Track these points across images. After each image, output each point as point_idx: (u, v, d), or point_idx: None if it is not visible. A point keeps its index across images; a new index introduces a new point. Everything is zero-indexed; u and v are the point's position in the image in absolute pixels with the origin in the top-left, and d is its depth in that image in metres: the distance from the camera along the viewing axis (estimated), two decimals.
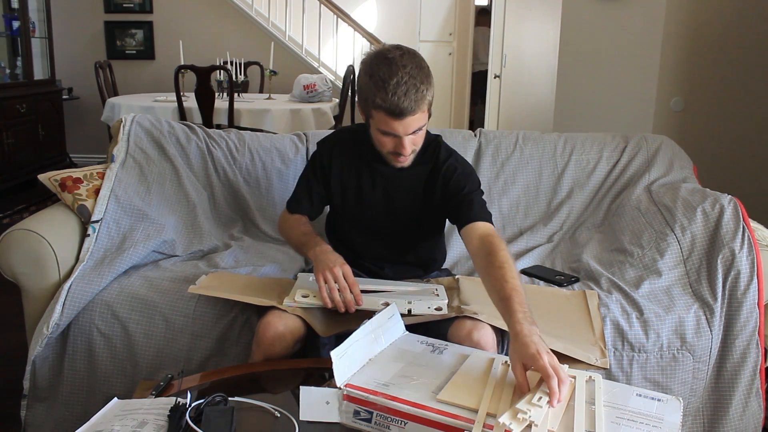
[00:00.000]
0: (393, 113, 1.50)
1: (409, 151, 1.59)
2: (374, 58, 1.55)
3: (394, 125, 1.53)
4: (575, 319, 1.67)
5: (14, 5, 5.15)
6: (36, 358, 1.74)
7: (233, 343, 1.72)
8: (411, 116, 1.51)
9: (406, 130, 1.54)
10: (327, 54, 6.29)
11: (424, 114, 1.54)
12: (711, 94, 3.49)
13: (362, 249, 1.82)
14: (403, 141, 1.56)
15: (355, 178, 1.77)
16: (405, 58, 1.52)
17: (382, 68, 1.51)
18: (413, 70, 1.50)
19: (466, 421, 1.08)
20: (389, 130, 1.55)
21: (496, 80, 5.81)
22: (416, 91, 1.49)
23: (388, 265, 1.82)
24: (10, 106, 4.87)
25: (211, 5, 6.06)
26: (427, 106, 1.55)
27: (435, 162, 1.74)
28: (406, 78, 1.49)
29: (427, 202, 1.75)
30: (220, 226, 2.21)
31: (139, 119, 2.24)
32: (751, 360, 1.76)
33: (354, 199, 1.78)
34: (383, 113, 1.52)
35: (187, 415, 1.10)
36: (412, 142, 1.58)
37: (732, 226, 1.87)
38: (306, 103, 4.46)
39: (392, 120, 1.52)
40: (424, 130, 1.60)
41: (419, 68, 1.52)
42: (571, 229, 2.27)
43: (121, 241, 1.90)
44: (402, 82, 1.48)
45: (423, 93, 1.51)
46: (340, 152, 1.79)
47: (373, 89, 1.51)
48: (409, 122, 1.52)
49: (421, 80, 1.51)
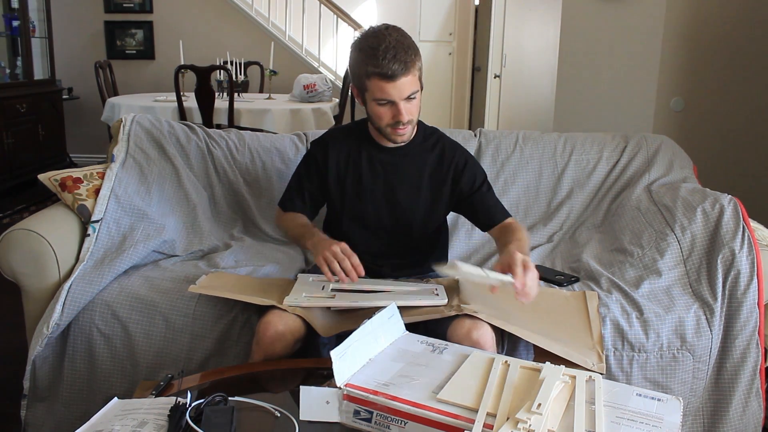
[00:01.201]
0: (386, 76, 1.58)
1: (406, 119, 1.64)
2: (361, 35, 1.66)
3: (389, 89, 1.59)
4: (574, 322, 1.67)
5: (14, 5, 5.15)
6: (36, 358, 1.74)
7: (233, 343, 1.72)
8: (403, 77, 1.59)
9: (400, 94, 1.60)
10: (327, 54, 6.30)
11: (415, 78, 1.62)
12: (711, 94, 3.49)
13: (362, 247, 1.81)
14: (399, 106, 1.62)
15: (353, 169, 1.79)
16: (389, 29, 1.63)
17: (370, 39, 1.61)
18: (399, 37, 1.61)
19: (466, 420, 1.08)
20: (384, 96, 1.61)
21: (496, 80, 5.82)
22: (405, 53, 1.58)
23: (388, 263, 1.82)
24: (10, 106, 4.87)
25: (211, 5, 6.06)
26: (418, 73, 1.63)
27: (441, 154, 1.79)
28: (393, 43, 1.58)
29: (434, 193, 1.78)
30: (220, 226, 2.21)
31: (139, 119, 2.24)
32: (751, 360, 1.76)
33: (353, 192, 1.79)
34: (377, 79, 1.59)
35: (187, 415, 1.10)
36: (408, 111, 1.64)
37: (732, 226, 1.87)
38: (306, 103, 4.46)
39: (386, 84, 1.59)
40: (418, 100, 1.66)
41: (404, 37, 1.62)
42: (571, 229, 2.28)
43: (121, 241, 1.90)
44: (390, 46, 1.58)
45: (412, 57, 1.60)
46: (336, 146, 1.81)
47: (365, 59, 1.60)
48: (402, 84, 1.59)
49: (408, 45, 1.60)
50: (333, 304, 1.59)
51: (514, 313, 1.64)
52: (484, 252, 2.17)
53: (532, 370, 1.22)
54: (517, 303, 1.46)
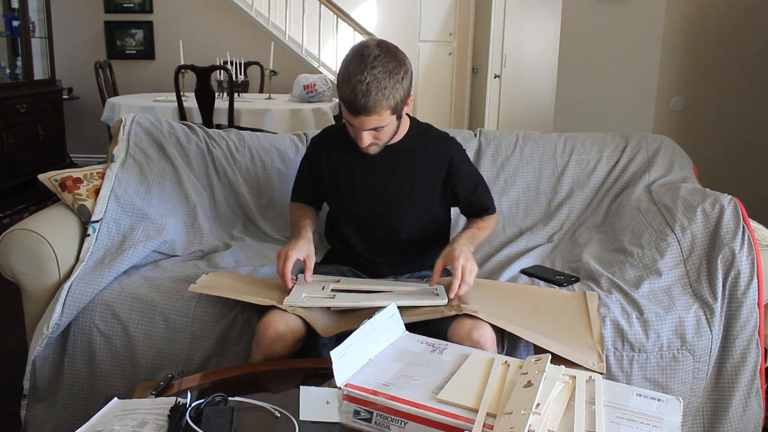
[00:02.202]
0: (349, 108, 1.58)
1: (365, 144, 1.65)
2: (355, 49, 1.61)
3: (351, 119, 1.61)
4: (574, 322, 1.67)
5: (14, 5, 5.15)
6: (36, 358, 1.74)
7: (233, 343, 1.72)
8: (365, 116, 1.57)
9: (361, 126, 1.61)
10: (327, 54, 6.29)
11: (382, 116, 1.59)
12: (711, 94, 3.49)
13: (359, 243, 1.82)
14: (361, 134, 1.63)
15: (347, 167, 1.81)
16: (378, 59, 1.55)
17: (353, 63, 1.56)
18: (381, 74, 1.54)
19: (466, 421, 1.08)
20: (349, 120, 1.63)
21: (496, 80, 5.82)
22: (376, 93, 1.54)
23: (386, 261, 1.83)
24: (10, 106, 4.87)
25: (211, 5, 6.06)
26: (390, 109, 1.59)
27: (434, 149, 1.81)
28: (369, 79, 1.53)
29: (428, 189, 1.80)
30: (220, 226, 2.21)
31: (139, 119, 2.24)
32: (751, 360, 1.76)
33: (347, 189, 1.81)
34: (344, 105, 1.61)
35: (187, 415, 1.10)
36: (373, 136, 1.65)
37: (732, 226, 1.87)
38: (306, 103, 4.46)
39: (349, 114, 1.60)
40: (389, 128, 1.66)
41: (388, 73, 1.55)
42: (571, 229, 2.27)
43: (121, 241, 1.90)
44: (365, 82, 1.53)
45: (384, 96, 1.55)
46: (330, 143, 1.85)
47: (342, 79, 1.58)
48: (364, 121, 1.59)
49: (385, 85, 1.54)
50: (333, 304, 1.59)
51: (514, 313, 1.64)
52: (484, 252, 2.16)
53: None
54: (518, 303, 1.47)
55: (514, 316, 1.60)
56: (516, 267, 2.02)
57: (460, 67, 7.20)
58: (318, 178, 1.85)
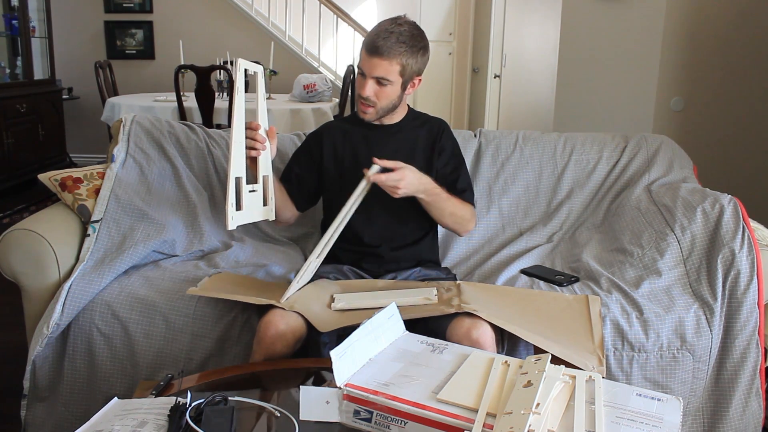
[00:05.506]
0: (367, 47, 1.69)
1: (366, 93, 1.72)
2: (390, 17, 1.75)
3: (364, 61, 1.70)
4: (576, 326, 1.67)
5: (14, 5, 5.15)
6: (36, 358, 1.74)
7: (233, 343, 1.72)
8: (378, 58, 1.67)
9: (370, 71, 1.70)
10: (327, 54, 6.30)
11: (392, 67, 1.69)
12: (711, 94, 3.49)
13: (359, 226, 1.82)
14: (366, 82, 1.71)
15: (350, 145, 1.88)
16: (408, 25, 1.72)
17: (385, 21, 1.73)
18: (406, 33, 1.69)
19: (466, 420, 1.08)
20: (361, 65, 1.72)
21: (496, 80, 5.82)
22: (396, 41, 1.67)
23: (387, 244, 1.86)
24: (10, 106, 4.87)
25: (211, 5, 6.07)
26: (401, 66, 1.70)
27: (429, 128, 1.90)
28: (395, 30, 1.68)
29: (426, 165, 1.84)
30: (221, 226, 2.21)
31: (139, 119, 2.24)
32: (751, 360, 1.76)
33: (351, 165, 1.85)
34: (363, 49, 1.71)
35: (187, 415, 1.10)
36: (374, 91, 1.72)
37: (732, 226, 1.87)
38: (306, 103, 4.47)
39: (364, 54, 1.70)
40: (391, 90, 1.73)
41: (412, 36, 1.70)
42: (571, 229, 2.27)
43: (121, 241, 1.90)
44: (390, 31, 1.68)
45: (401, 50, 1.68)
46: (332, 131, 1.93)
47: (370, 31, 1.72)
48: (376, 63, 1.68)
49: (405, 41, 1.68)
50: (332, 306, 1.60)
51: (515, 315, 1.64)
52: (484, 252, 2.17)
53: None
54: (519, 306, 1.46)
55: (514, 317, 1.61)
56: (516, 267, 2.02)
57: (460, 67, 7.19)
58: (317, 166, 1.91)
